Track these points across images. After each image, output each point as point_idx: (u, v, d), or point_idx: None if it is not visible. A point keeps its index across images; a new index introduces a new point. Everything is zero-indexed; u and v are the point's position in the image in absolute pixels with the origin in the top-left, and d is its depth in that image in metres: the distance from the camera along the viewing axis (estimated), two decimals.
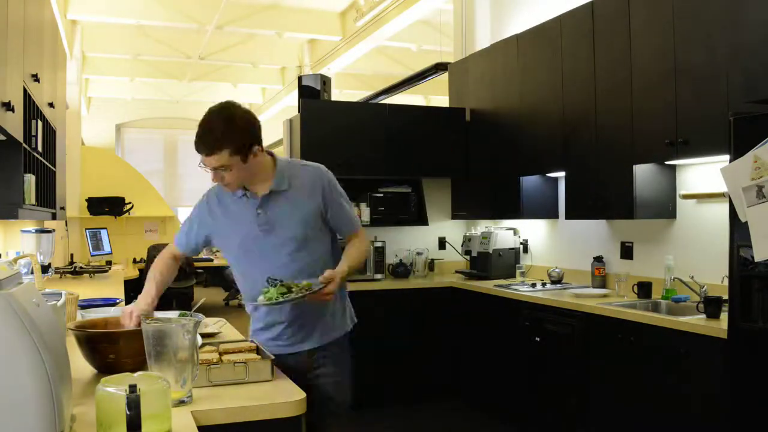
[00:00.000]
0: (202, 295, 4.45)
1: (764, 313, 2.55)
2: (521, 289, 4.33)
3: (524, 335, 4.11)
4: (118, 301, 3.66)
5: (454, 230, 5.69)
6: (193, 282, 9.45)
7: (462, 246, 5.43)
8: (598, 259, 4.26)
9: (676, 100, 3.31)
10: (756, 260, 2.52)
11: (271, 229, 2.26)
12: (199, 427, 1.56)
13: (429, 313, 4.96)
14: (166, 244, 2.54)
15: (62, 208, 4.14)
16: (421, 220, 5.25)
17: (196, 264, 9.92)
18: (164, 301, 2.51)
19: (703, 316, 3.04)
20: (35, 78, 2.79)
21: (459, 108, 5.39)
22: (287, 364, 2.17)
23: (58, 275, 6.00)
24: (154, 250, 8.05)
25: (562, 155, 4.20)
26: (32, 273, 3.27)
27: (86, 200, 8.84)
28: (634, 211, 3.65)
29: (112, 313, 2.72)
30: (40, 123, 2.86)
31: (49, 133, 3.42)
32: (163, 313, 2.31)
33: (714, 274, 3.39)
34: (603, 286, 4.21)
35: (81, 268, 6.28)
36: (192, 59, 10.25)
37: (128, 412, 1.27)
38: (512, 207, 4.73)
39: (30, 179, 2.68)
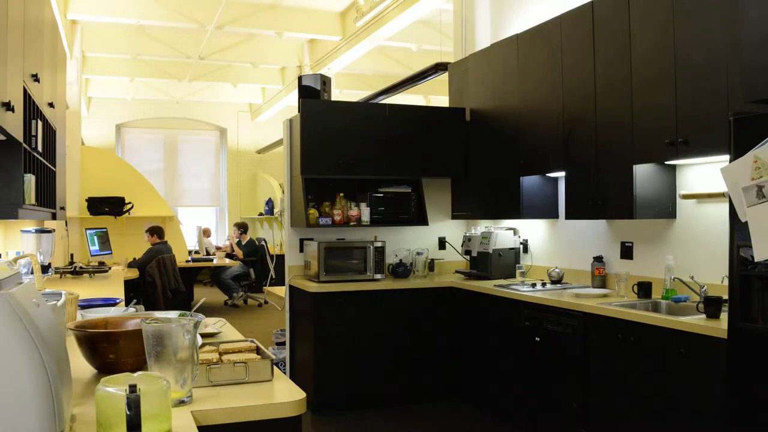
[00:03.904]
0: (202, 295, 4.46)
1: (764, 313, 2.56)
2: (521, 289, 4.33)
3: (524, 335, 4.11)
4: (118, 301, 3.66)
5: (454, 230, 5.69)
6: None
7: (462, 246, 5.43)
8: (598, 259, 4.26)
9: (676, 99, 3.31)
10: (756, 260, 2.52)
11: None
12: (199, 427, 1.56)
13: (429, 313, 4.96)
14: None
15: (62, 208, 4.13)
16: (421, 220, 5.24)
17: (197, 264, 9.92)
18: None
19: (703, 316, 3.04)
20: (35, 78, 2.79)
21: (459, 108, 5.39)
22: None
23: (58, 275, 6.01)
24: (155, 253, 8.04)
25: (562, 155, 4.20)
26: (32, 273, 3.28)
27: (86, 200, 8.85)
28: (634, 211, 3.65)
29: (112, 313, 2.72)
30: (40, 123, 2.85)
31: (49, 133, 3.41)
32: (163, 313, 2.31)
33: (714, 274, 3.40)
34: (603, 286, 4.21)
35: (81, 268, 6.28)
36: (192, 59, 10.26)
37: (128, 412, 1.28)
38: (512, 207, 4.73)
39: (30, 179, 2.67)
